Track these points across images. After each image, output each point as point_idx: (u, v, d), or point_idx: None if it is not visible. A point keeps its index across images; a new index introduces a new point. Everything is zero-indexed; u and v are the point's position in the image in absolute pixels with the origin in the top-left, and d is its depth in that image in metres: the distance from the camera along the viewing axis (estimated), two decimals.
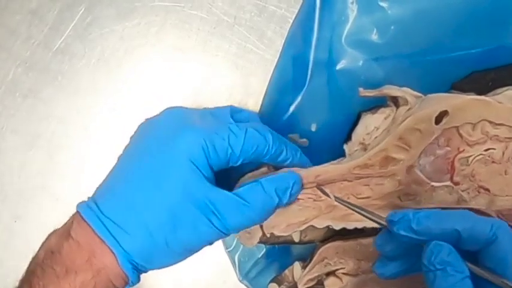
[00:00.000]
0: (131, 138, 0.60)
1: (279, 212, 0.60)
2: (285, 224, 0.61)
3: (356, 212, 0.55)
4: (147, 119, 0.60)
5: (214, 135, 0.55)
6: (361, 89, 0.61)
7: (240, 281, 0.70)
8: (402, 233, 0.48)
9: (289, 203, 0.59)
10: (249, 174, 0.62)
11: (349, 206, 0.57)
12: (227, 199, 0.54)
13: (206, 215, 0.53)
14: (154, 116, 0.60)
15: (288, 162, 0.61)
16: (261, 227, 0.61)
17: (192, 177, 0.54)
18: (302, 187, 0.59)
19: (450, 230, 0.46)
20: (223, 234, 0.55)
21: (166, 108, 0.60)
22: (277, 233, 0.61)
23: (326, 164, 0.60)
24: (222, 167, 0.57)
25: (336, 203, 0.59)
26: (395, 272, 0.51)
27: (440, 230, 0.46)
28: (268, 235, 0.61)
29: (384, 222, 0.50)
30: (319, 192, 0.60)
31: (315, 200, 0.61)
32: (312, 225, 0.61)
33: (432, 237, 0.47)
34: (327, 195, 0.59)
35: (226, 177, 0.61)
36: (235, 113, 0.63)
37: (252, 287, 0.70)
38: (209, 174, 0.56)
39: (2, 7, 0.73)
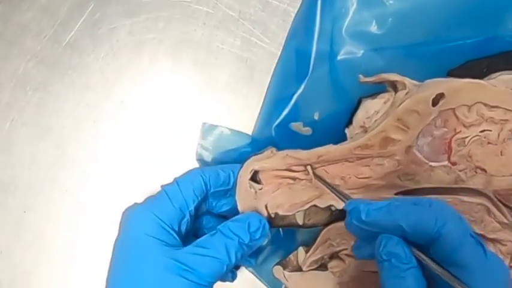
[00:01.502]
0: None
1: (283, 192, 0.61)
2: (289, 203, 0.61)
3: (332, 192, 0.57)
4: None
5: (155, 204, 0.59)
6: (361, 76, 0.62)
7: (246, 268, 0.69)
8: (354, 222, 0.49)
9: (256, 241, 0.59)
10: (253, 157, 0.62)
11: (326, 185, 0.59)
12: (192, 254, 0.56)
13: (180, 274, 0.54)
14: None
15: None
16: (266, 207, 0.61)
17: (155, 248, 0.56)
18: (263, 230, 0.60)
19: (396, 225, 0.46)
20: (203, 285, 0.56)
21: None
22: (281, 212, 0.61)
23: (328, 145, 0.60)
24: (180, 218, 0.59)
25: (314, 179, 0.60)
26: (369, 254, 0.51)
27: (387, 223, 0.47)
28: (272, 215, 0.61)
29: None
30: (320, 172, 0.61)
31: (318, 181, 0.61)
32: (315, 205, 0.61)
33: (382, 229, 0.47)
34: (311, 173, 0.60)
35: None
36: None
37: (257, 273, 0.70)
38: (170, 237, 0.57)
39: (14, 4, 0.74)
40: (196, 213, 0.61)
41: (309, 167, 0.60)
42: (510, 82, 0.58)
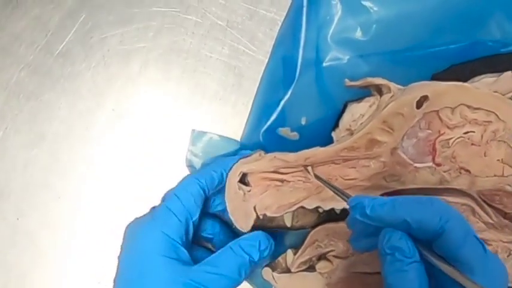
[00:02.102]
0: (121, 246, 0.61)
1: (271, 194, 0.62)
2: (276, 205, 0.62)
3: (333, 192, 0.58)
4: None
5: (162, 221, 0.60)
6: (347, 80, 0.63)
7: None
8: (358, 217, 0.49)
9: (263, 259, 0.62)
10: (242, 160, 0.63)
11: (328, 185, 0.59)
12: (206, 272, 0.57)
13: None
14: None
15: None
16: (255, 208, 0.62)
17: (170, 268, 0.57)
18: (270, 248, 0.63)
19: (400, 220, 0.46)
20: None
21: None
22: (269, 213, 0.62)
23: (315, 148, 0.61)
24: (187, 230, 0.61)
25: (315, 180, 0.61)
26: (368, 246, 0.52)
27: (392, 218, 0.47)
28: (261, 216, 0.62)
29: None
30: (308, 174, 0.62)
31: (304, 182, 0.62)
32: (302, 206, 0.62)
33: (386, 224, 0.48)
34: (312, 174, 0.61)
35: None
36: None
37: (250, 280, 0.70)
38: (182, 253, 0.59)
39: (7, 14, 0.75)
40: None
41: (309, 168, 0.61)
42: (493, 85, 0.58)
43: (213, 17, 0.73)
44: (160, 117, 0.73)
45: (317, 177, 0.61)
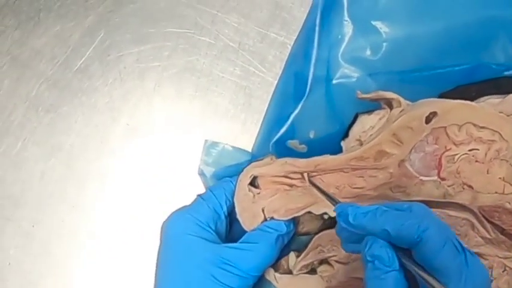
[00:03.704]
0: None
1: (280, 197, 0.63)
2: (284, 208, 0.63)
3: (327, 199, 0.59)
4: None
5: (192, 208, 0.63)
6: (358, 92, 0.64)
7: None
8: (343, 225, 0.50)
9: (289, 233, 0.64)
10: (253, 164, 0.64)
11: (319, 191, 0.61)
12: (234, 248, 0.60)
13: (223, 268, 0.58)
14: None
15: None
16: (263, 211, 0.63)
17: (197, 244, 0.60)
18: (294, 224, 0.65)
19: (381, 229, 0.47)
20: (245, 279, 0.60)
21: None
22: (277, 217, 0.62)
23: (325, 155, 0.62)
24: (216, 217, 0.63)
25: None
26: (357, 250, 0.52)
27: (373, 227, 0.48)
28: (268, 219, 0.63)
29: None
30: (316, 181, 0.63)
31: (313, 188, 0.63)
32: (309, 212, 0.62)
33: (368, 233, 0.48)
34: (307, 179, 0.63)
35: None
36: None
37: None
38: (208, 234, 0.61)
39: (29, 30, 0.76)
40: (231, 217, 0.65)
41: (305, 174, 0.63)
42: (498, 105, 0.60)
43: (225, 38, 0.74)
44: (173, 133, 0.74)
45: (311, 183, 0.62)
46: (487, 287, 0.48)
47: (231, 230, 0.67)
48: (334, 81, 0.68)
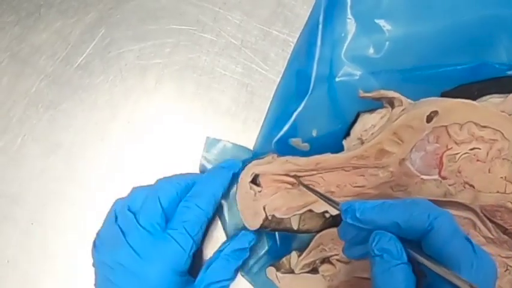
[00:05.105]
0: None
1: (281, 195, 0.63)
2: (286, 207, 0.63)
3: (320, 198, 0.58)
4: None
5: None
6: (360, 91, 0.64)
7: (242, 275, 0.70)
8: (349, 221, 0.50)
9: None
10: (255, 162, 0.64)
11: (314, 192, 0.60)
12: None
13: None
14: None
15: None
16: (264, 208, 0.63)
17: None
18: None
19: (390, 221, 0.47)
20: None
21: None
22: (278, 215, 0.63)
23: (327, 154, 0.62)
24: None
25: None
26: (361, 254, 0.52)
27: (381, 220, 0.48)
28: (270, 217, 0.63)
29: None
30: (317, 179, 0.63)
31: (314, 186, 0.63)
32: (311, 210, 0.63)
33: (377, 227, 0.48)
34: (299, 182, 0.63)
35: None
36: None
37: (253, 281, 0.70)
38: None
39: (29, 26, 0.75)
40: None
41: (295, 179, 0.63)
42: (500, 105, 0.59)
43: (227, 36, 0.74)
44: (173, 130, 0.73)
45: (303, 185, 0.62)
46: (495, 276, 0.47)
47: None
48: (336, 79, 0.68)
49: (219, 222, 0.71)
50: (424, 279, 0.47)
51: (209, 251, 0.70)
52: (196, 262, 0.67)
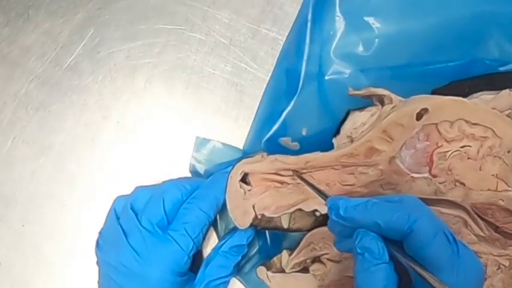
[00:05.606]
0: None
1: (270, 194, 0.63)
2: (275, 205, 0.63)
3: (317, 194, 0.58)
4: None
5: None
6: (350, 89, 0.64)
7: (234, 276, 0.70)
8: (334, 218, 0.50)
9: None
10: (244, 160, 0.64)
11: (310, 186, 0.60)
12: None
13: None
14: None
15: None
16: (254, 207, 0.63)
17: None
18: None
19: (372, 222, 0.47)
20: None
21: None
22: (267, 214, 0.62)
23: (316, 152, 0.62)
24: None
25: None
26: (350, 248, 0.51)
27: (363, 220, 0.48)
28: (259, 216, 0.63)
29: None
30: (307, 178, 0.62)
31: (303, 185, 0.62)
32: (300, 209, 0.62)
33: (359, 225, 0.48)
34: (297, 174, 0.62)
35: None
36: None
37: (244, 281, 0.70)
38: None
39: (18, 27, 0.75)
40: None
41: (293, 172, 0.62)
42: (491, 102, 0.59)
43: (216, 35, 0.73)
44: (163, 130, 0.73)
45: (299, 177, 0.62)
46: (481, 278, 0.47)
47: None
48: (326, 77, 0.68)
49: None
50: (409, 278, 0.47)
51: (209, 250, 0.70)
52: (197, 259, 0.67)
